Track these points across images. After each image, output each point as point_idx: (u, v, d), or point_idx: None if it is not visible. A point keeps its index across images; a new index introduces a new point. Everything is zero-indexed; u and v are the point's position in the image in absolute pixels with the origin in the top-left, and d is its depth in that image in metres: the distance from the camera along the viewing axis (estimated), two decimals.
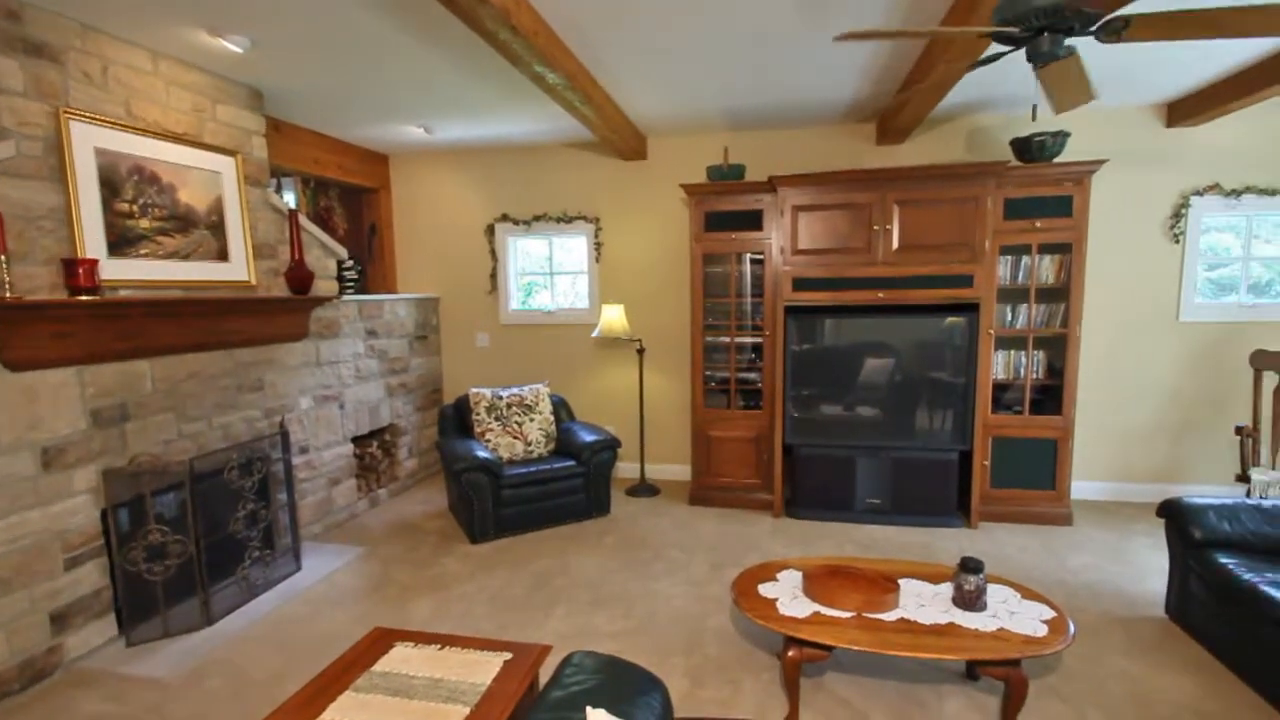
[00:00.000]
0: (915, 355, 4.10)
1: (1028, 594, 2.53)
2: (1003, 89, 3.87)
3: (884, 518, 4.18)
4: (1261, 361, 3.91)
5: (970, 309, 3.97)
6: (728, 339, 4.54)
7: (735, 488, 4.55)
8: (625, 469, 5.29)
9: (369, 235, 5.45)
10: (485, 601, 3.28)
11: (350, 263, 4.72)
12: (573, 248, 5.38)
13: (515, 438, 4.38)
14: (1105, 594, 3.26)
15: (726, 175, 4.41)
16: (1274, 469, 3.80)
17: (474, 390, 4.46)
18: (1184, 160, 4.28)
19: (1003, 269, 4.10)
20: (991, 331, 4.00)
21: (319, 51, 3.16)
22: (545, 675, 2.36)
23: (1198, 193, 4.27)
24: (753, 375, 4.56)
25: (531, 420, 4.45)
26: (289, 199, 4.80)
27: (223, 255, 3.41)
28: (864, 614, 2.40)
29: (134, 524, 2.91)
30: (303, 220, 3.86)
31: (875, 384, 4.17)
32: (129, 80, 2.98)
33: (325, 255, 4.10)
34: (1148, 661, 2.70)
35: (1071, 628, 2.30)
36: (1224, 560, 2.72)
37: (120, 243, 2.91)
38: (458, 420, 4.54)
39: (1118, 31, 2.04)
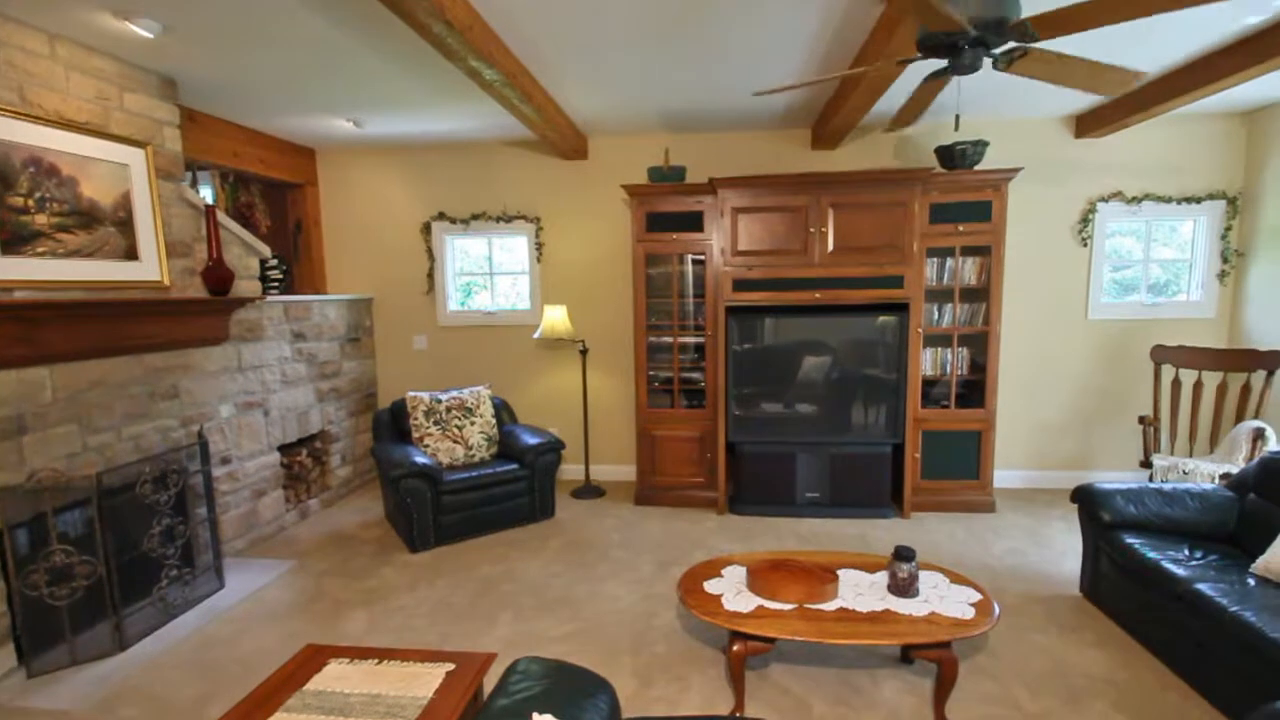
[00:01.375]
0: (851, 353, 4.24)
1: (956, 579, 2.66)
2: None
3: (823, 511, 4.30)
4: (1160, 356, 4.25)
5: (901, 308, 4.14)
6: (671, 339, 4.57)
7: (680, 486, 4.59)
8: (570, 471, 5.25)
9: (295, 233, 5.21)
10: (426, 612, 3.18)
11: (274, 262, 4.49)
12: (513, 247, 5.30)
13: (455, 442, 4.27)
14: (1026, 575, 3.46)
15: (667, 177, 4.44)
16: (1173, 455, 4.13)
17: (411, 394, 4.32)
18: (1091, 169, 4.60)
19: (930, 270, 4.30)
20: (920, 330, 4.19)
21: (238, 39, 2.98)
22: (491, 684, 2.30)
23: (1103, 199, 4.60)
24: (696, 375, 4.61)
25: (472, 424, 4.35)
26: (206, 194, 4.53)
27: (131, 254, 3.18)
28: (805, 605, 2.46)
29: (34, 545, 2.67)
30: (221, 216, 3.64)
31: (814, 381, 4.29)
32: (23, 64, 2.73)
33: (247, 254, 3.89)
34: (1065, 637, 2.88)
35: (996, 609, 2.43)
36: (1130, 540, 2.93)
37: (14, 240, 2.67)
38: (394, 425, 4.39)
39: (1009, 63, 2.17)
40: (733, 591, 2.56)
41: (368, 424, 5.19)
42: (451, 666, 2.08)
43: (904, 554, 2.51)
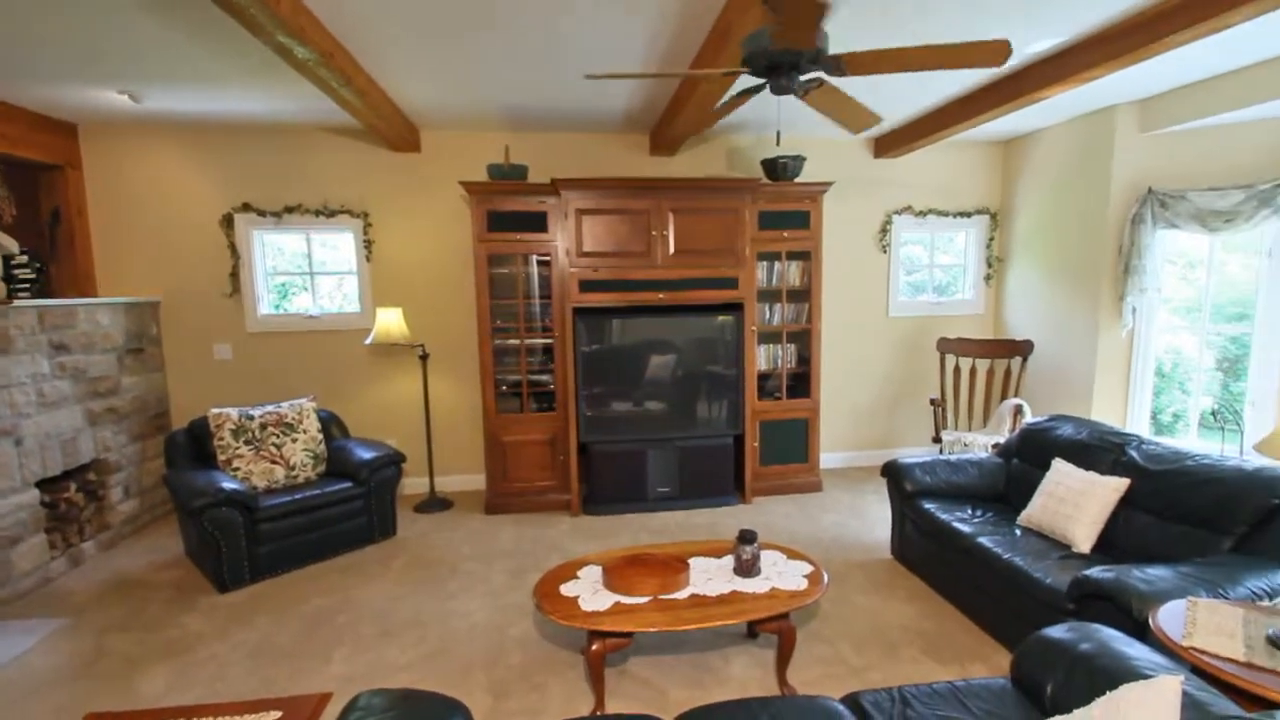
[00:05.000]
0: (694, 352, 4.44)
1: (792, 554, 2.87)
2: (755, 114, 4.36)
3: (675, 503, 4.45)
4: (944, 347, 4.97)
5: (737, 308, 4.41)
6: (518, 341, 4.46)
7: (532, 491, 4.49)
8: (413, 485, 4.91)
9: (51, 224, 4.31)
10: (243, 658, 2.78)
11: (24, 258, 3.69)
12: (337, 244, 4.84)
13: (274, 462, 3.80)
14: (849, 544, 3.85)
15: (508, 175, 4.32)
16: (956, 430, 4.83)
17: (215, 411, 3.77)
18: (887, 186, 5.25)
19: (761, 273, 4.63)
20: (754, 328, 4.49)
21: None
22: None
23: (897, 212, 5.28)
24: (545, 377, 4.54)
25: (294, 441, 3.90)
26: None
27: None
28: (660, 596, 2.51)
29: None
30: None
31: (661, 379, 4.42)
32: None
33: None
34: (880, 596, 3.24)
35: (826, 578, 2.66)
36: (927, 506, 3.37)
37: None
38: (193, 448, 3.80)
39: (839, 67, 2.42)
40: (589, 591, 2.55)
41: (158, 448, 4.43)
42: (278, 715, 1.83)
43: (747, 537, 2.66)
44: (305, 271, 4.83)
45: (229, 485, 3.38)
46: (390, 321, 4.37)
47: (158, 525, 4.35)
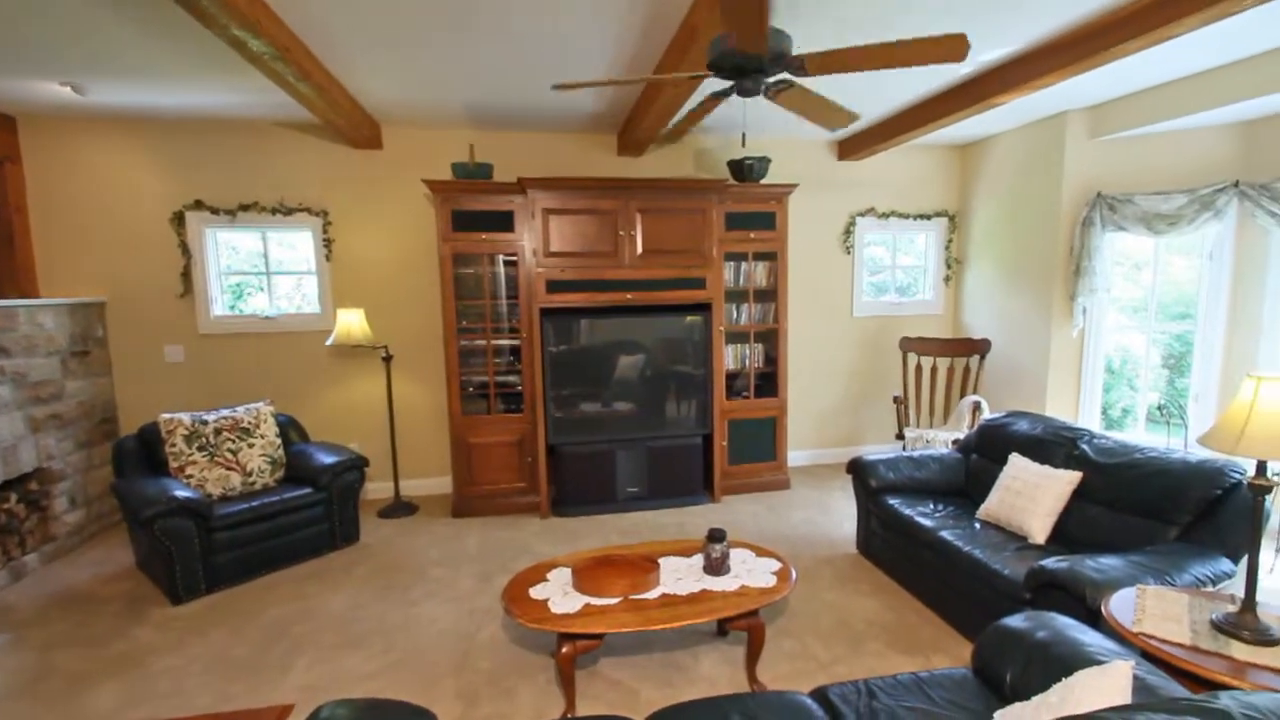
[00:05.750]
0: (662, 352, 4.45)
1: (761, 552, 2.90)
2: (721, 116, 4.38)
3: (644, 503, 4.45)
4: (906, 346, 5.08)
5: (705, 308, 4.43)
6: (484, 342, 4.40)
7: (500, 494, 4.44)
8: (376, 489, 4.80)
9: None
10: (199, 671, 2.68)
11: None
12: (295, 243, 4.71)
13: (230, 469, 3.67)
14: (816, 541, 3.90)
15: (473, 174, 4.26)
16: (919, 427, 4.94)
17: (166, 416, 3.63)
18: (851, 188, 5.35)
19: (728, 273, 4.67)
20: (722, 328, 4.52)
21: None
22: None
23: (860, 214, 5.37)
24: (512, 378, 4.49)
25: (251, 446, 3.78)
26: None
27: None
28: (630, 597, 2.51)
29: None
30: None
31: (629, 380, 4.41)
32: None
33: None
34: (846, 590, 3.29)
35: (794, 574, 2.69)
36: (891, 501, 3.44)
37: None
38: (143, 455, 3.65)
39: (802, 68, 2.45)
40: (559, 594, 2.53)
41: (106, 456, 4.24)
42: None
43: (716, 536, 2.68)
44: (261, 271, 4.69)
45: (182, 493, 3.25)
46: (351, 322, 4.27)
47: (106, 536, 4.17)
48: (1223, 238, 4.14)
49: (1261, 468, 1.85)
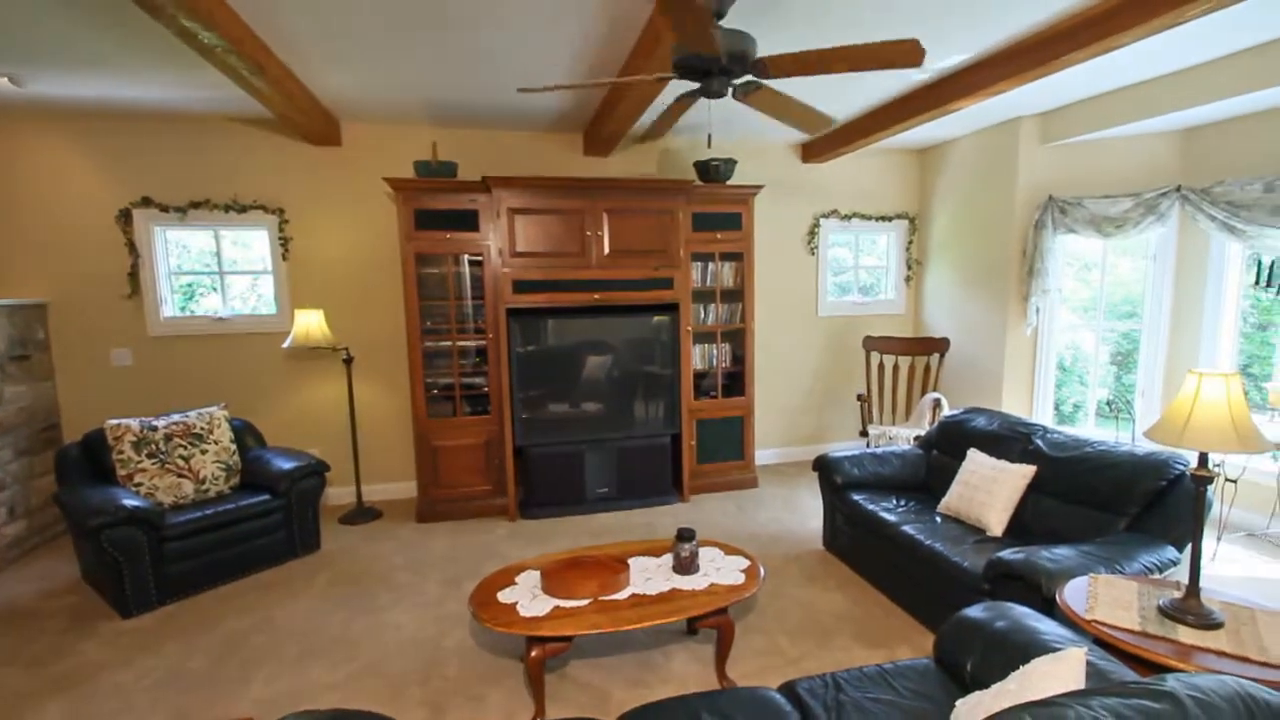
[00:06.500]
0: (630, 352, 4.44)
1: (730, 550, 2.92)
2: (687, 117, 4.40)
3: (613, 504, 4.44)
4: (869, 345, 5.18)
5: (672, 309, 4.45)
6: (450, 343, 4.33)
7: (467, 497, 4.37)
8: (338, 495, 4.68)
9: None
10: (151, 687, 2.58)
11: None
12: (250, 242, 4.57)
13: (181, 476, 3.54)
14: (784, 538, 3.95)
15: (437, 172, 4.19)
16: (882, 424, 5.04)
17: (113, 422, 3.48)
18: (815, 190, 5.43)
19: (695, 274, 4.69)
20: (689, 328, 4.54)
21: None
22: None
23: (824, 216, 5.46)
24: (479, 379, 4.43)
25: (204, 452, 3.65)
26: None
27: None
28: (600, 598, 2.49)
29: None
30: None
31: (597, 380, 4.40)
32: None
33: None
34: (814, 586, 3.34)
35: (762, 571, 2.72)
36: (856, 497, 3.50)
37: None
38: (89, 463, 3.49)
39: (764, 70, 2.48)
40: (528, 597, 2.50)
41: (48, 464, 4.04)
42: None
43: (685, 535, 2.69)
44: (214, 271, 4.53)
45: (131, 502, 3.12)
46: (310, 323, 4.15)
47: (49, 548, 3.97)
48: (1166, 240, 4.34)
49: (1203, 459, 1.94)
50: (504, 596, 2.51)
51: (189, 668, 2.71)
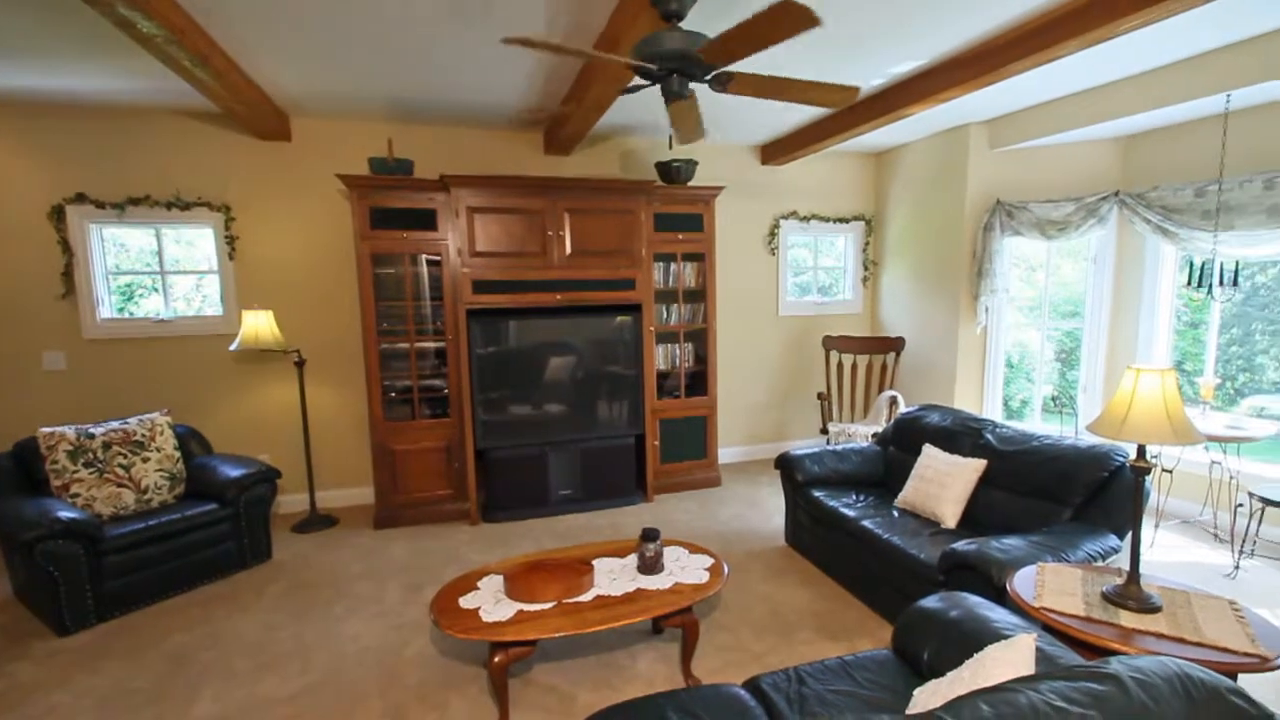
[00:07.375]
0: (593, 352, 4.42)
1: (694, 549, 2.93)
2: (648, 117, 4.42)
3: (577, 505, 4.41)
4: (828, 344, 5.27)
5: (635, 309, 4.44)
6: (407, 345, 4.23)
7: (427, 502, 4.28)
8: (290, 502, 4.53)
9: None
10: (92, 707, 2.44)
11: None
12: (194, 241, 4.38)
13: (121, 486, 3.37)
14: (747, 535, 3.99)
15: (393, 169, 4.09)
16: (841, 422, 5.14)
17: (46, 430, 3.29)
18: (774, 192, 5.50)
19: (657, 274, 4.70)
20: (652, 328, 4.55)
21: None
22: None
23: (784, 217, 5.54)
24: (438, 382, 4.34)
25: (145, 461, 3.48)
26: None
27: None
28: (564, 601, 2.47)
29: None
30: None
31: (560, 381, 4.36)
32: None
33: None
34: (777, 582, 3.38)
35: (726, 569, 2.74)
36: (817, 494, 3.56)
37: None
38: (19, 474, 3.29)
39: (724, 84, 2.51)
40: (491, 602, 2.46)
41: None
42: None
43: (649, 535, 2.69)
44: (155, 271, 4.33)
45: (66, 514, 2.95)
46: (259, 325, 4.00)
47: None
48: (1105, 242, 4.55)
49: (1141, 451, 2.03)
50: (466, 602, 2.47)
51: (131, 687, 2.58)
